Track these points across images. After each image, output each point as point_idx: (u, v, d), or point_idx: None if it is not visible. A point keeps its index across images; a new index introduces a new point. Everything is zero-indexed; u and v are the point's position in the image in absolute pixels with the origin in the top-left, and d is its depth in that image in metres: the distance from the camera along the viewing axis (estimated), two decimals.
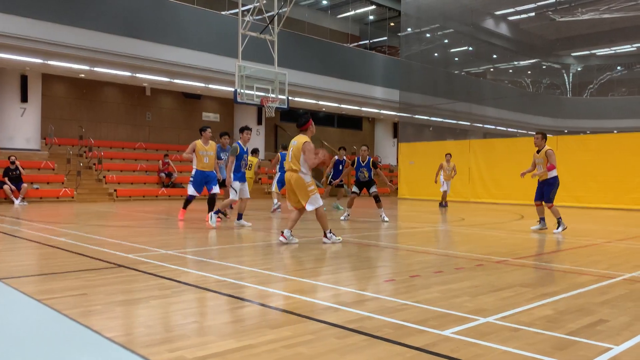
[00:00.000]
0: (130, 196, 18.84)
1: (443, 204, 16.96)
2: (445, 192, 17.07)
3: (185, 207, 10.75)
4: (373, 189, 11.55)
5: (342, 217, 11.74)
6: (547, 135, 10.45)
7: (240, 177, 9.77)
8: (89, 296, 4.09)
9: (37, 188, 17.06)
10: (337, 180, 14.35)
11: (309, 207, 7.27)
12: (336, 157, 14.41)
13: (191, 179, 10.37)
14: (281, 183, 13.62)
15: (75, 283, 4.55)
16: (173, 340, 3.06)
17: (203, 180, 10.32)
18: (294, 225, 7.49)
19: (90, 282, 4.59)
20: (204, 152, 10.21)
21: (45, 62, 17.46)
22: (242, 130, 9.90)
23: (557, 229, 9.35)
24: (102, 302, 3.92)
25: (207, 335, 3.17)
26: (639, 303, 4.11)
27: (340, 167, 14.26)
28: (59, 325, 3.35)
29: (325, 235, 7.43)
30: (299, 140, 7.34)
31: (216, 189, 10.38)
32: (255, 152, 13.84)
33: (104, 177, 19.27)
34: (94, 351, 2.89)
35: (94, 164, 19.77)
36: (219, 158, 11.11)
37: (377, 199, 11.45)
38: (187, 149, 10.27)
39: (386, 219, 11.23)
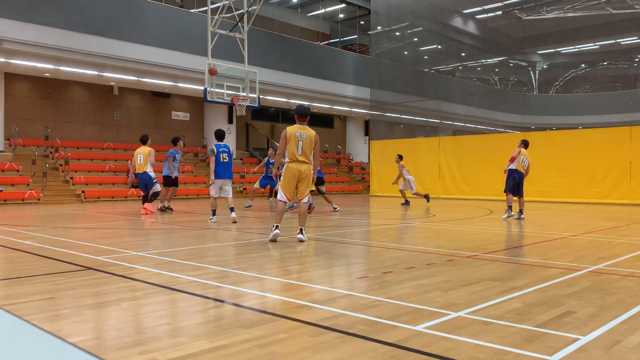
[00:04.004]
0: (98, 197, 18.49)
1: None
2: (402, 190, 16.60)
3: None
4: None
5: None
6: (517, 131, 10.96)
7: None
8: (57, 300, 4.00)
9: (2, 190, 16.60)
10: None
11: (306, 199, 7.45)
12: (267, 158, 14.86)
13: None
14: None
15: (42, 287, 4.45)
16: (144, 342, 3.01)
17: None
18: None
19: (58, 286, 4.48)
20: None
21: (8, 60, 16.99)
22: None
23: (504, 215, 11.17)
24: (71, 305, 3.83)
25: (179, 336, 3.13)
26: (604, 294, 4.23)
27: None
28: (18, 332, 3.26)
29: (301, 232, 7.41)
30: (309, 132, 7.34)
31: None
32: None
33: (71, 178, 18.87)
34: (54, 358, 2.82)
35: (61, 165, 19.33)
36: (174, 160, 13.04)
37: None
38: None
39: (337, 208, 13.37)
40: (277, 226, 7.42)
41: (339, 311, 3.65)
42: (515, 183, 11.04)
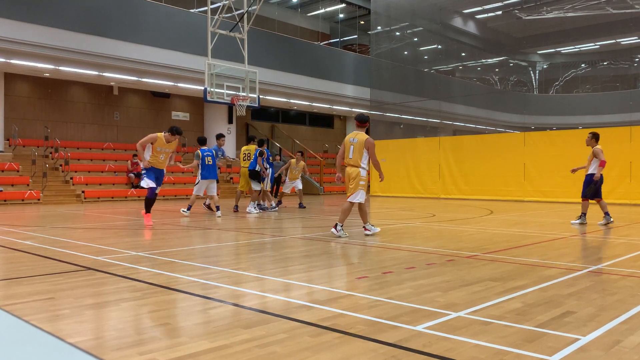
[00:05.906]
0: (98, 197, 18.48)
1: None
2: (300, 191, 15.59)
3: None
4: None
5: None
6: (517, 131, 10.75)
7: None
8: (57, 300, 4.00)
9: (1, 190, 16.59)
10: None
11: (351, 199, 7.93)
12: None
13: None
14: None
15: (42, 287, 4.45)
16: (144, 342, 3.01)
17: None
18: (346, 218, 8.10)
19: (57, 286, 4.48)
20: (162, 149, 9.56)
21: (8, 61, 16.98)
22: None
23: (577, 220, 10.16)
24: (71, 306, 3.84)
25: (179, 336, 3.13)
26: (604, 294, 4.23)
27: None
28: (18, 332, 3.26)
29: (365, 228, 8.17)
30: (360, 137, 7.91)
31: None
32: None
33: (71, 178, 18.86)
34: (54, 358, 2.83)
35: (61, 165, 19.33)
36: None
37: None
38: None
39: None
40: (336, 224, 8.03)
41: (339, 311, 3.65)
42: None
